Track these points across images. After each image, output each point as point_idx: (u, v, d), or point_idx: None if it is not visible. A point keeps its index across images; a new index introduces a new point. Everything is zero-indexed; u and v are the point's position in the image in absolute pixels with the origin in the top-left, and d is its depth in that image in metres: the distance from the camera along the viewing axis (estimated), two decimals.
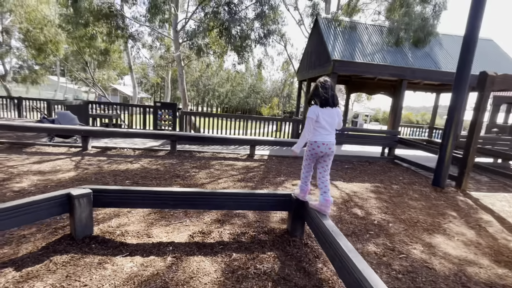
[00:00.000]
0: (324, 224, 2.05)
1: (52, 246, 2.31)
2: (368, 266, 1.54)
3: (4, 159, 5.00)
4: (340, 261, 1.72)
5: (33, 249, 2.26)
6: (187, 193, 2.60)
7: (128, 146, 6.73)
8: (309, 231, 2.87)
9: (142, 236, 2.61)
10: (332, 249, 1.88)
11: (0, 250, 2.23)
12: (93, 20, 8.78)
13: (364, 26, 8.77)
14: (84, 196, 2.36)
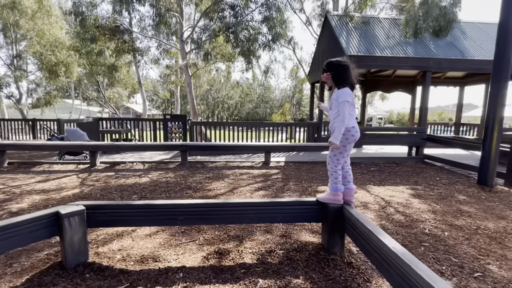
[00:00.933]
0: (381, 239, 1.53)
1: (38, 277, 1.89)
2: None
3: (9, 179, 4.76)
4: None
5: (15, 283, 1.85)
6: (199, 205, 2.16)
7: (138, 160, 6.43)
8: (350, 246, 2.34)
9: (147, 260, 2.16)
10: (397, 272, 1.36)
11: None
12: (99, 35, 8.82)
13: (377, 20, 8.32)
14: (75, 215, 1.96)
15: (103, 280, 1.89)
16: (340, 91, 2.12)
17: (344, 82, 2.11)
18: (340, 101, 2.06)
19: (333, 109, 2.16)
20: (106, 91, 16.48)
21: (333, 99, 2.18)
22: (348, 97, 2.05)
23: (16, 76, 14.61)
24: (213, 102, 37.17)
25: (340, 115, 2.05)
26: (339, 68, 2.12)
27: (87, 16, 7.49)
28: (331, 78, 2.16)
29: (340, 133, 2.06)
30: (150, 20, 9.27)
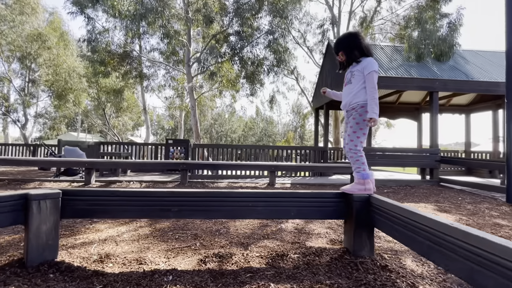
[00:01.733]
0: (434, 219, 1.17)
1: None
2: None
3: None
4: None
5: None
6: (197, 194, 1.81)
7: (136, 179, 6.08)
8: (381, 247, 1.91)
9: (130, 262, 1.74)
10: (466, 255, 0.98)
11: None
12: (108, 59, 9.15)
13: (379, 47, 8.58)
14: (48, 198, 1.62)
15: (70, 282, 1.48)
16: (364, 61, 1.90)
17: (363, 52, 1.92)
18: (368, 71, 1.84)
19: (355, 82, 1.92)
20: (112, 119, 16.70)
21: (355, 70, 1.94)
22: (375, 66, 1.85)
23: (25, 101, 14.99)
24: (217, 135, 37.56)
25: (370, 87, 1.81)
26: (351, 38, 1.97)
27: (99, 42, 7.87)
28: (345, 54, 1.97)
29: (377, 106, 1.81)
30: (159, 47, 9.76)
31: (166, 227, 2.62)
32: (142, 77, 10.81)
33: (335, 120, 11.93)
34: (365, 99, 1.88)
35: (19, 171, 7.98)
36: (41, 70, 14.51)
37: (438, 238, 1.12)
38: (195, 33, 10.95)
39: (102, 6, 10.07)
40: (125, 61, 9.55)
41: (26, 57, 15.47)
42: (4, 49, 15.88)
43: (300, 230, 2.53)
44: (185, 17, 9.04)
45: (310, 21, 14.90)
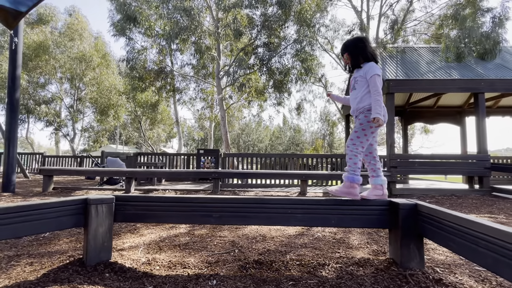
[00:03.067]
0: (496, 227, 1.08)
1: (54, 273, 1.64)
2: None
3: None
4: None
5: (31, 276, 1.62)
6: (236, 201, 1.85)
7: (170, 188, 6.36)
8: (431, 259, 1.78)
9: (175, 266, 1.82)
10: None
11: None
12: (146, 75, 9.87)
13: (413, 49, 8.19)
14: (104, 203, 1.77)
15: (124, 282, 1.58)
16: (366, 66, 1.88)
17: (367, 57, 1.89)
18: (370, 75, 1.81)
19: (359, 88, 1.90)
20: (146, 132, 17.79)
21: (358, 76, 1.93)
22: (377, 70, 1.82)
23: (73, 117, 16.64)
24: (244, 145, 38.05)
25: (373, 90, 1.79)
26: (357, 43, 1.95)
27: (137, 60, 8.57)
28: (350, 57, 1.96)
29: (381, 107, 1.79)
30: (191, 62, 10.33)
31: (204, 233, 2.70)
32: (175, 91, 11.47)
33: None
34: (370, 103, 1.84)
35: (69, 180, 8.78)
36: (87, 89, 16.15)
37: (508, 250, 1.02)
38: (224, 47, 11.47)
39: (140, 28, 11.02)
40: (160, 77, 10.25)
41: (74, 78, 17.27)
42: (57, 71, 17.94)
43: (338, 240, 2.45)
44: (215, 33, 9.51)
45: (337, 27, 14.79)
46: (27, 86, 16.94)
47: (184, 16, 9.67)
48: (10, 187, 5.58)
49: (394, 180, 5.68)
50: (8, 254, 2.04)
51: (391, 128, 5.97)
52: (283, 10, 9.76)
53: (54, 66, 16.89)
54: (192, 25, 8.82)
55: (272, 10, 10.39)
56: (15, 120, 6.02)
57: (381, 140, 32.18)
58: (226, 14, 9.90)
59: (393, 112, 6.04)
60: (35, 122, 18.33)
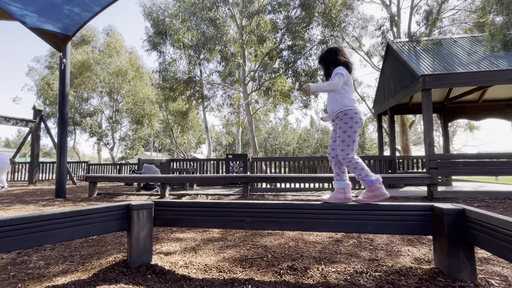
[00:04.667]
0: None
1: (103, 273, 1.79)
2: None
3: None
4: None
5: (83, 276, 1.77)
6: (269, 206, 1.86)
7: (202, 193, 6.56)
8: (484, 270, 1.63)
9: (210, 269, 1.87)
10: None
11: (51, 273, 1.82)
12: (176, 85, 10.39)
13: (451, 40, 7.60)
14: (144, 208, 1.89)
15: (164, 283, 1.66)
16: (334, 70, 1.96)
17: (336, 63, 1.98)
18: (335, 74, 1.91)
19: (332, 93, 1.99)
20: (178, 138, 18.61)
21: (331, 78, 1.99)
22: (341, 70, 1.91)
23: (112, 127, 18.01)
24: (271, 149, 38.03)
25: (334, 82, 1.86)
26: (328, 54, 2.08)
27: (168, 71, 9.08)
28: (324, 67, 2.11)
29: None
30: (218, 70, 10.65)
31: (236, 238, 2.74)
32: (203, 99, 11.92)
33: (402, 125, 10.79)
34: (345, 104, 1.91)
35: (111, 186, 9.48)
36: (123, 101, 17.48)
37: None
38: (248, 52, 11.68)
39: (170, 41, 11.68)
40: (189, 86, 10.73)
41: (113, 91, 18.76)
42: (97, 86, 19.64)
43: (376, 246, 2.34)
44: (239, 39, 9.73)
45: (365, 24, 14.23)
46: (73, 101, 18.75)
47: (210, 26, 10.06)
48: (62, 193, 6.17)
49: (435, 182, 5.28)
50: (63, 255, 2.25)
51: (429, 126, 5.57)
52: (306, 11, 9.69)
53: (95, 81, 18.50)
54: (218, 34, 9.13)
55: (295, 12, 10.38)
56: (65, 133, 6.67)
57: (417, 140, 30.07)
58: (250, 21, 10.08)
59: (430, 109, 5.64)
60: (80, 133, 20.17)
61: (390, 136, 8.73)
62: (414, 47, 7.54)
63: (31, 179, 10.40)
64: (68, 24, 5.77)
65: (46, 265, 2.04)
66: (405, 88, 6.78)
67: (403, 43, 7.99)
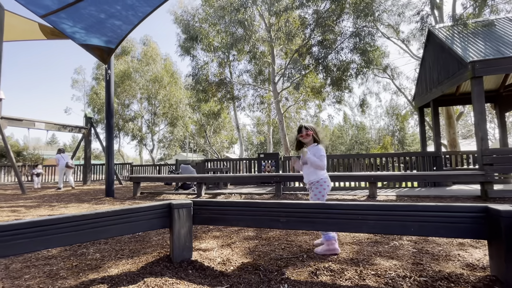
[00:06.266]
0: None
1: (150, 266, 1.94)
2: None
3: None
4: None
5: (132, 268, 1.94)
6: (303, 206, 1.85)
7: (235, 192, 6.72)
8: None
9: (247, 267, 1.92)
10: None
11: (106, 264, 2.03)
12: (208, 87, 10.76)
13: (506, 20, 6.73)
14: (184, 207, 2.00)
15: (204, 278, 1.76)
16: (316, 147, 2.37)
17: (317, 141, 2.42)
18: (319, 154, 2.31)
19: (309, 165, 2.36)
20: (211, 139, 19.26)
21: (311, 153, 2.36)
22: (323, 152, 2.35)
23: (152, 130, 19.28)
24: None
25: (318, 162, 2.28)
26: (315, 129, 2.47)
27: (200, 74, 9.45)
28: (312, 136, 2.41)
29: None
30: (247, 70, 10.79)
31: (270, 237, 2.77)
32: (234, 99, 12.18)
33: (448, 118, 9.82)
34: (319, 176, 2.33)
35: (152, 185, 10.16)
36: (160, 105, 18.66)
37: None
38: (278, 50, 11.63)
39: (200, 45, 12.14)
40: (220, 87, 11.05)
41: (150, 97, 20.08)
42: (137, 93, 21.17)
43: (420, 250, 2.19)
44: (268, 38, 9.72)
45: (402, 10, 13.20)
46: (117, 107, 20.45)
47: (239, 27, 10.22)
48: (111, 192, 6.78)
49: (490, 180, 4.74)
50: (115, 248, 2.49)
51: (481, 118, 5.02)
52: (336, 3, 9.32)
53: (135, 88, 19.95)
54: (246, 35, 9.24)
55: (324, 6, 10.05)
56: (111, 137, 7.31)
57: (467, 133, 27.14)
58: (278, 19, 10.02)
59: (482, 99, 5.07)
60: (123, 136, 21.93)
61: (435, 130, 8.03)
62: (460, 31, 6.84)
63: (85, 180, 11.60)
64: (111, 37, 6.25)
65: (101, 257, 2.27)
66: (450, 77, 6.19)
67: (447, 27, 7.28)
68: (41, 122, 9.83)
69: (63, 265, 2.12)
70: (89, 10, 5.60)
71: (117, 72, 19.79)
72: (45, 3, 5.26)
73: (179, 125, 16.95)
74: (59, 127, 10.58)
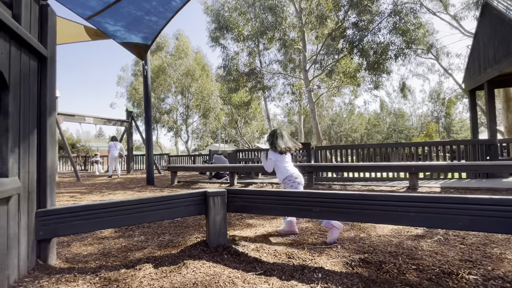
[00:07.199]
0: None
1: (188, 250, 2.06)
2: None
3: (176, 192, 6.09)
4: None
5: (173, 250, 2.09)
6: (338, 196, 1.80)
7: (267, 181, 6.79)
8: None
9: (280, 255, 1.95)
10: None
11: (149, 245, 2.21)
12: (239, 77, 10.83)
13: None
14: (218, 195, 2.08)
15: (239, 264, 1.82)
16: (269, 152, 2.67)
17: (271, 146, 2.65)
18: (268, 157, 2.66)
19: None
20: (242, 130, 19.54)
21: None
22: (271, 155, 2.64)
23: (185, 122, 20.15)
24: (336, 136, 36.11)
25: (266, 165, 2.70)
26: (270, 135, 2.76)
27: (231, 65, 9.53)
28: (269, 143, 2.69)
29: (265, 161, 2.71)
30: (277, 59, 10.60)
31: (304, 227, 2.76)
32: (264, 89, 12.12)
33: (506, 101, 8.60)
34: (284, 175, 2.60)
35: (187, 175, 10.70)
36: (193, 98, 19.35)
37: None
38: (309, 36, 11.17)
39: (230, 34, 12.19)
40: (250, 77, 11.06)
41: (184, 90, 20.88)
42: (171, 87, 22.13)
43: (469, 245, 2.02)
44: (299, 23, 9.37)
45: None
46: (154, 101, 21.66)
47: (269, 14, 10.00)
48: (151, 180, 7.28)
49: None
50: (157, 232, 2.69)
51: None
52: None
53: (169, 83, 20.87)
54: (277, 22, 9.00)
55: None
56: (150, 129, 7.79)
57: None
58: (310, 2, 9.56)
59: None
60: (160, 128, 23.26)
61: (489, 115, 7.16)
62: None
63: (128, 169, 12.61)
64: (147, 33, 6.57)
65: (145, 239, 2.48)
66: (511, 54, 5.42)
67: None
68: (90, 117, 10.81)
69: (114, 245, 2.36)
70: (128, 8, 5.91)
71: (152, 68, 20.84)
72: (90, 5, 5.67)
73: (211, 116, 17.47)
74: (104, 121, 11.55)
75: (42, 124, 1.79)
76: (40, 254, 1.74)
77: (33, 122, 1.72)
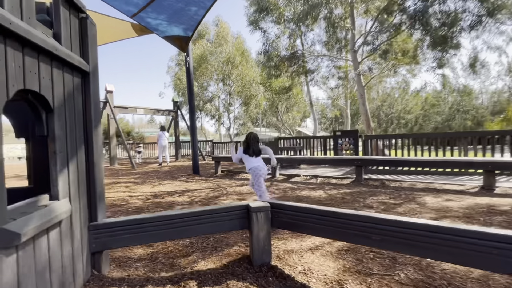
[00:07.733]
0: None
1: (231, 266, 1.98)
2: None
3: (221, 182, 6.20)
4: None
5: (216, 266, 2.02)
6: (406, 225, 1.49)
7: (310, 174, 6.48)
8: None
9: (331, 282, 1.74)
10: None
11: (194, 253, 2.19)
12: (280, 63, 10.37)
13: None
14: (262, 211, 1.92)
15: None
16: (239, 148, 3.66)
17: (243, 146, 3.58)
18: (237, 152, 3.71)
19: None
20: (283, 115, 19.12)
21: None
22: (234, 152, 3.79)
23: (227, 109, 20.49)
24: (386, 118, 33.11)
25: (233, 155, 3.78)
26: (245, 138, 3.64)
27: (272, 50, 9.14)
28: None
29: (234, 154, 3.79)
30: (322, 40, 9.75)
31: (358, 246, 2.46)
32: (307, 73, 11.43)
33: None
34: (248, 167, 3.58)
35: (230, 163, 10.90)
36: (234, 85, 19.42)
37: None
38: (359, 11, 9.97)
39: (271, 16, 11.61)
40: (292, 62, 10.48)
41: (225, 77, 21.05)
42: (213, 74, 22.49)
43: None
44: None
45: None
46: (197, 90, 22.35)
47: None
48: (196, 169, 7.57)
49: None
50: (201, 237, 2.68)
51: None
52: None
53: (211, 71, 21.20)
54: None
55: None
56: (194, 118, 8.00)
57: None
58: None
59: None
60: (204, 116, 24.12)
61: None
62: None
63: (177, 156, 13.41)
64: (188, 25, 6.48)
65: (190, 243, 2.49)
66: None
67: None
68: (141, 108, 11.60)
69: (161, 249, 2.41)
70: (169, 1, 5.90)
71: (194, 57, 21.28)
72: (135, 1, 5.79)
73: (252, 104, 17.41)
74: (154, 111, 12.30)
75: (89, 140, 1.81)
76: (95, 264, 1.83)
77: (80, 140, 1.73)
